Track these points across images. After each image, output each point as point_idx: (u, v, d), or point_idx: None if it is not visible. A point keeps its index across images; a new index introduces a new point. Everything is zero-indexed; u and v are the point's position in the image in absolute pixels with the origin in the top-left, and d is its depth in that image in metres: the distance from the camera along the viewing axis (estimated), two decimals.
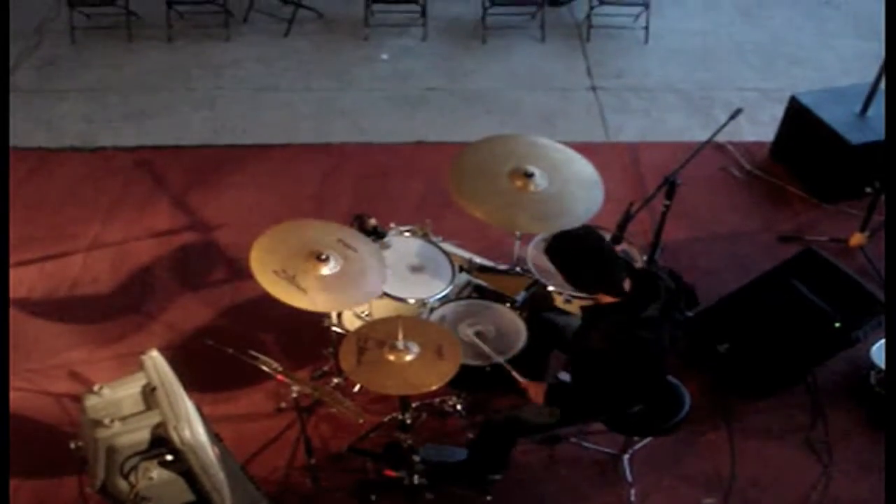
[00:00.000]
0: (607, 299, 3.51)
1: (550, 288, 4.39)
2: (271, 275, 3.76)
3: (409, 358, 3.58)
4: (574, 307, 4.38)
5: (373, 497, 4.17)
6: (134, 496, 3.21)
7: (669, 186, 4.50)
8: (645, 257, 4.65)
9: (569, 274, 3.50)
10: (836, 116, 5.85)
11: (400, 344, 3.57)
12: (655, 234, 4.81)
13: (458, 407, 4.44)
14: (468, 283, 4.52)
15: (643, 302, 3.45)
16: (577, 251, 3.48)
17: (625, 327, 3.44)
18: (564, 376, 4.33)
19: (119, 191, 6.01)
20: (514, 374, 3.82)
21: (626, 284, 3.47)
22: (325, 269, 3.84)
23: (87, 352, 4.89)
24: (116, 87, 7.08)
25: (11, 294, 5.14)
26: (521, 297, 4.43)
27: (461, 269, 4.52)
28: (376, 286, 3.98)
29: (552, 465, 4.40)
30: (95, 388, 3.49)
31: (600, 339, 3.48)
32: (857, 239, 5.47)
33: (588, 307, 3.74)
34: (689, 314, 4.38)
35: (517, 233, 4.68)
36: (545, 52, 7.69)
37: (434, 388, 3.56)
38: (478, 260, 4.71)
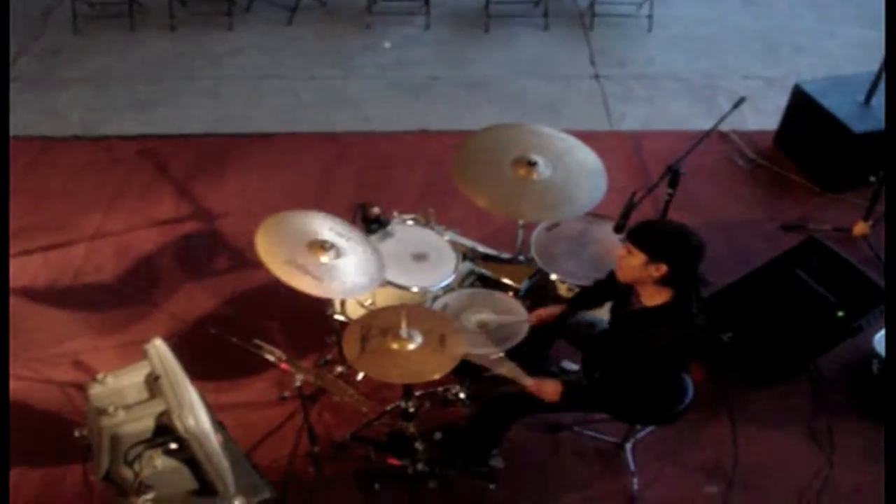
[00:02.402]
0: (657, 300, 3.50)
1: (553, 277, 4.39)
2: (283, 266, 3.76)
3: (412, 346, 3.58)
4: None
5: (376, 485, 4.18)
6: (138, 484, 3.23)
7: (673, 175, 4.49)
8: None
9: (671, 253, 3.42)
10: (840, 105, 5.83)
11: (403, 332, 3.57)
12: None
13: (462, 395, 4.44)
14: (471, 272, 4.52)
15: (696, 291, 3.48)
16: (683, 235, 3.47)
17: (687, 321, 3.46)
18: (569, 366, 4.34)
19: (122, 180, 6.02)
20: (524, 378, 3.78)
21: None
22: (325, 258, 3.86)
23: (90, 340, 4.90)
24: (119, 76, 7.08)
25: (15, 283, 5.15)
26: (524, 285, 4.43)
27: (464, 258, 4.52)
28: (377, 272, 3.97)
29: (555, 453, 4.40)
30: (99, 376, 3.51)
31: (660, 339, 3.47)
32: (860, 228, 5.46)
33: (634, 310, 3.66)
34: None
35: (520, 221, 4.68)
36: (548, 40, 7.67)
37: (437, 376, 3.57)
38: (481, 248, 4.71)
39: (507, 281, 4.48)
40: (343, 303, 4.41)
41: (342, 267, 3.87)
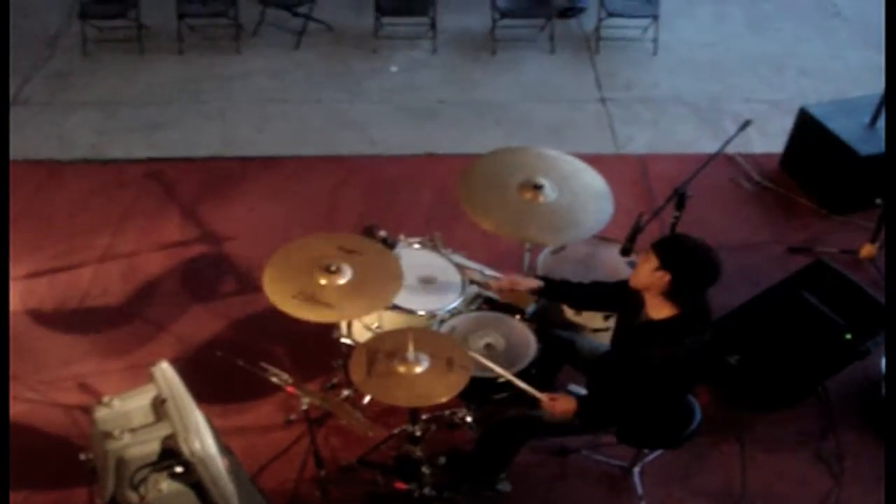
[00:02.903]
0: (662, 313, 3.52)
1: None
2: (293, 301, 3.75)
3: (419, 370, 3.57)
4: (584, 319, 4.38)
5: None
6: None
7: (679, 198, 4.50)
8: None
9: (678, 264, 3.45)
10: (846, 128, 5.84)
11: (410, 356, 3.56)
12: None
13: (468, 419, 4.42)
14: (478, 295, 4.52)
15: (701, 311, 3.51)
16: (698, 252, 3.50)
17: (690, 343, 3.47)
18: (575, 389, 4.32)
19: (130, 203, 6.04)
20: (536, 392, 3.76)
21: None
22: (341, 279, 3.84)
23: (96, 363, 4.90)
24: (128, 100, 7.12)
25: (22, 305, 5.17)
26: (531, 308, 4.42)
27: (471, 281, 4.52)
28: (396, 276, 3.97)
29: (562, 477, 4.38)
30: (105, 399, 3.50)
31: (663, 354, 3.49)
32: (867, 250, 5.45)
33: (639, 323, 3.68)
34: None
35: (527, 244, 4.68)
36: (554, 63, 7.70)
37: (444, 400, 3.56)
38: (488, 272, 4.70)
39: (514, 303, 4.47)
40: (349, 326, 4.41)
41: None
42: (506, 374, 3.79)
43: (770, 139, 6.55)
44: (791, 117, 6.25)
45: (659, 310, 3.53)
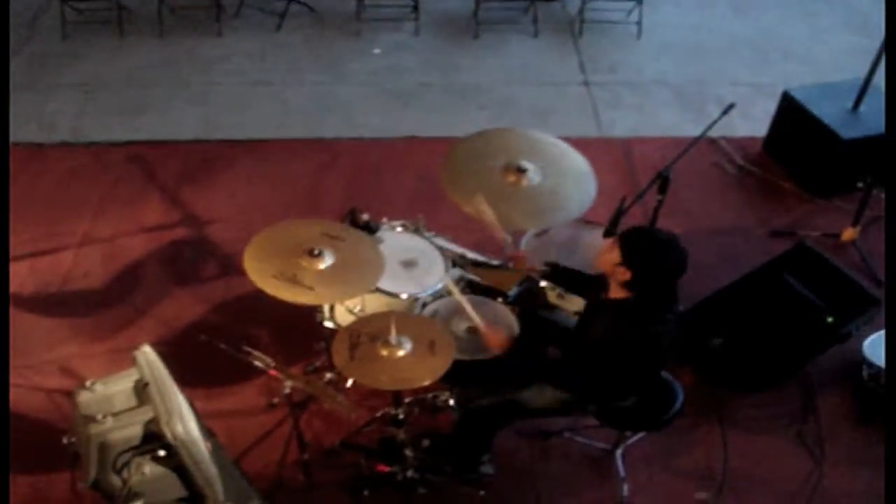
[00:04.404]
0: (619, 294, 3.53)
1: (543, 283, 4.39)
2: (273, 281, 3.74)
3: (401, 353, 3.58)
4: (567, 302, 4.38)
5: (365, 492, 4.17)
6: (126, 492, 3.21)
7: (662, 181, 4.50)
8: None
9: (640, 265, 3.43)
10: (829, 112, 5.85)
11: (392, 339, 3.57)
12: None
13: (451, 402, 4.43)
14: (461, 278, 4.51)
15: (658, 300, 3.50)
16: (661, 254, 3.47)
17: (634, 321, 3.48)
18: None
19: (110, 186, 6.00)
20: (478, 321, 3.85)
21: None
22: (322, 264, 3.83)
23: (78, 347, 4.88)
24: (108, 82, 7.06)
25: None
26: (513, 292, 4.42)
27: (454, 264, 4.51)
28: (378, 267, 3.96)
29: (545, 459, 4.41)
30: (87, 383, 3.50)
31: (604, 330, 3.53)
32: (849, 234, 5.48)
33: (594, 299, 3.74)
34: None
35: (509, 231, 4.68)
36: (538, 46, 7.68)
37: (427, 383, 3.56)
38: (470, 255, 4.69)
39: (496, 287, 4.47)
40: (332, 309, 4.40)
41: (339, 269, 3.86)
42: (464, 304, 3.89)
43: (753, 123, 6.57)
44: (774, 101, 6.27)
45: (616, 292, 3.56)
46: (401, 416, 4.00)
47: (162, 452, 3.23)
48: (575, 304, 4.37)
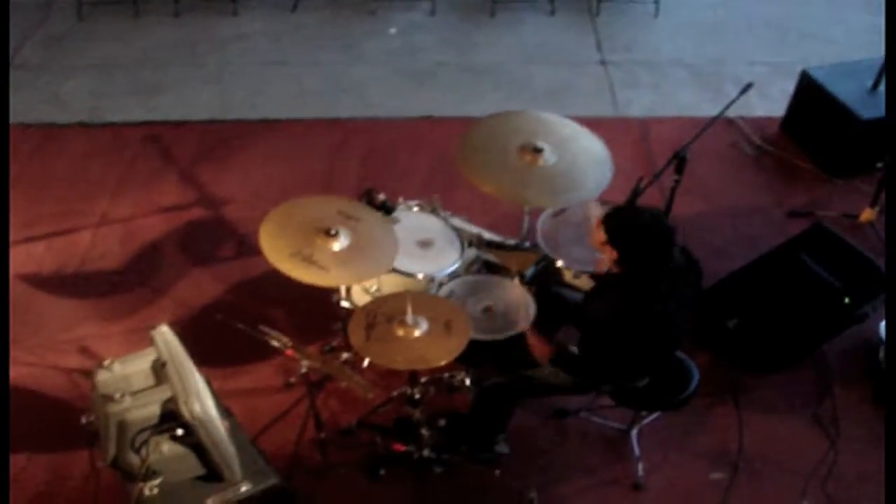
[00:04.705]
0: (614, 270, 3.57)
1: (559, 263, 4.39)
2: (289, 260, 3.75)
3: (417, 333, 3.58)
4: (583, 282, 4.37)
5: (381, 471, 4.19)
6: (145, 470, 3.24)
7: (679, 161, 4.48)
8: None
9: (623, 243, 3.49)
10: (847, 91, 5.80)
11: (409, 319, 3.57)
12: (665, 210, 4.79)
13: (467, 382, 4.44)
14: (477, 258, 4.51)
15: (653, 275, 3.48)
16: (642, 231, 3.49)
17: (632, 299, 3.49)
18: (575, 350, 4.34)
19: (127, 166, 6.02)
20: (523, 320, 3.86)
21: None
22: (337, 245, 3.83)
23: (97, 327, 4.91)
24: (124, 63, 7.07)
25: (21, 270, 5.18)
26: (530, 272, 4.42)
27: (470, 244, 4.51)
28: (392, 249, 3.97)
29: (560, 438, 4.41)
30: (106, 363, 3.52)
31: (604, 309, 3.56)
32: (867, 214, 5.44)
33: (597, 277, 3.77)
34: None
35: (526, 207, 4.67)
36: (554, 25, 7.64)
37: (443, 363, 3.57)
38: (486, 235, 4.69)
39: (513, 267, 4.47)
40: (349, 289, 4.41)
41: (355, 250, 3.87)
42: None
43: (771, 102, 6.53)
44: (793, 80, 6.21)
45: (612, 269, 3.62)
46: (417, 396, 4.01)
47: (180, 431, 3.25)
48: (590, 284, 4.36)
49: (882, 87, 5.77)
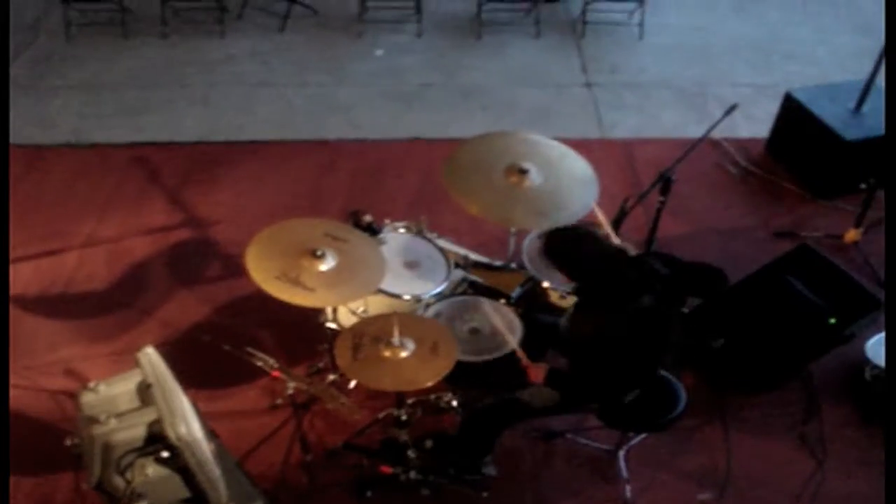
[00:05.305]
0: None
1: (546, 284, 4.40)
2: (275, 282, 3.74)
3: (404, 354, 3.59)
4: (569, 303, 4.38)
5: (368, 493, 4.17)
6: (130, 493, 3.22)
7: (664, 182, 4.51)
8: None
9: (571, 268, 3.53)
10: (831, 112, 5.85)
11: (395, 340, 3.57)
12: (650, 230, 4.82)
13: (454, 403, 4.44)
14: (463, 280, 4.52)
15: (636, 290, 3.48)
16: (576, 246, 3.52)
17: (619, 316, 3.48)
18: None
19: (114, 187, 6.01)
20: (521, 353, 3.81)
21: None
22: (324, 265, 3.83)
23: (82, 348, 4.88)
24: (111, 84, 7.08)
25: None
26: (516, 293, 4.43)
27: (456, 266, 4.52)
28: (379, 270, 3.97)
29: (548, 460, 4.40)
30: (91, 384, 3.50)
31: (593, 327, 3.55)
32: (851, 235, 5.48)
33: (581, 296, 3.77)
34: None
35: (512, 229, 4.68)
36: (540, 48, 7.69)
37: (429, 384, 3.57)
38: (473, 256, 4.71)
39: (499, 288, 4.48)
40: (335, 311, 4.40)
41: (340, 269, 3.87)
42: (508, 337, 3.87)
43: (756, 124, 6.57)
44: (777, 102, 6.26)
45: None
46: (404, 418, 4.00)
47: (165, 453, 3.23)
48: None
49: (866, 108, 5.82)
